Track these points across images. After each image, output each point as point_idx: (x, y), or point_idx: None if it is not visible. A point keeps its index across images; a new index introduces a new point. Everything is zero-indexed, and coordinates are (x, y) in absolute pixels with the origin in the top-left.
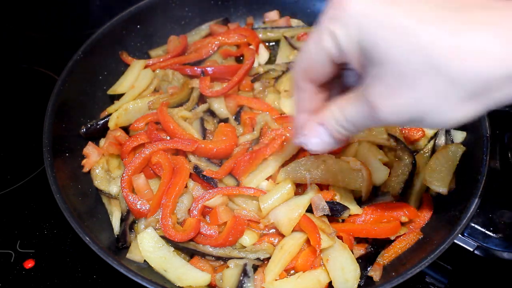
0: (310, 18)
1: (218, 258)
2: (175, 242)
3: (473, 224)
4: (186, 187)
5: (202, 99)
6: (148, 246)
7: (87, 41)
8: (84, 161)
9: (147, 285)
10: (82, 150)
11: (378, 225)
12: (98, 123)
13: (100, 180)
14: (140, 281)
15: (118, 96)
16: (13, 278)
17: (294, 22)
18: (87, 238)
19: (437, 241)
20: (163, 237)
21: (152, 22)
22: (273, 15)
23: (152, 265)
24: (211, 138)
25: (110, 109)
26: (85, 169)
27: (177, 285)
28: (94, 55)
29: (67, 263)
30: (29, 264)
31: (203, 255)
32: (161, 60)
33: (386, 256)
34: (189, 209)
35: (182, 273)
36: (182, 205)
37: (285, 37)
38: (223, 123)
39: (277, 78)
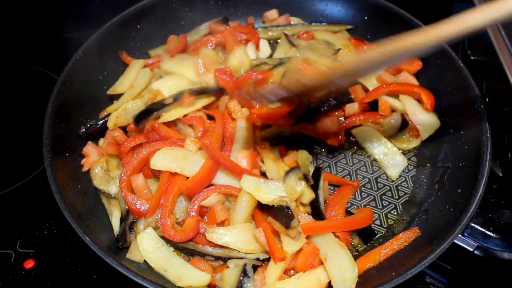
0: (310, 18)
1: (217, 258)
2: (174, 242)
3: (473, 224)
4: None
5: None
6: (148, 246)
7: (87, 41)
8: (83, 161)
9: (147, 285)
10: (82, 150)
11: (353, 218)
12: (98, 123)
13: (99, 180)
14: (140, 281)
15: (118, 96)
16: (13, 278)
17: (294, 20)
18: (87, 238)
19: (437, 241)
20: (163, 237)
21: (152, 22)
22: (272, 13)
23: (152, 265)
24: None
25: (109, 109)
26: (85, 168)
27: (177, 285)
28: (94, 55)
29: (67, 263)
30: (29, 264)
31: (203, 255)
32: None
33: (383, 253)
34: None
35: (182, 273)
36: (181, 205)
37: (285, 34)
38: None
39: None
